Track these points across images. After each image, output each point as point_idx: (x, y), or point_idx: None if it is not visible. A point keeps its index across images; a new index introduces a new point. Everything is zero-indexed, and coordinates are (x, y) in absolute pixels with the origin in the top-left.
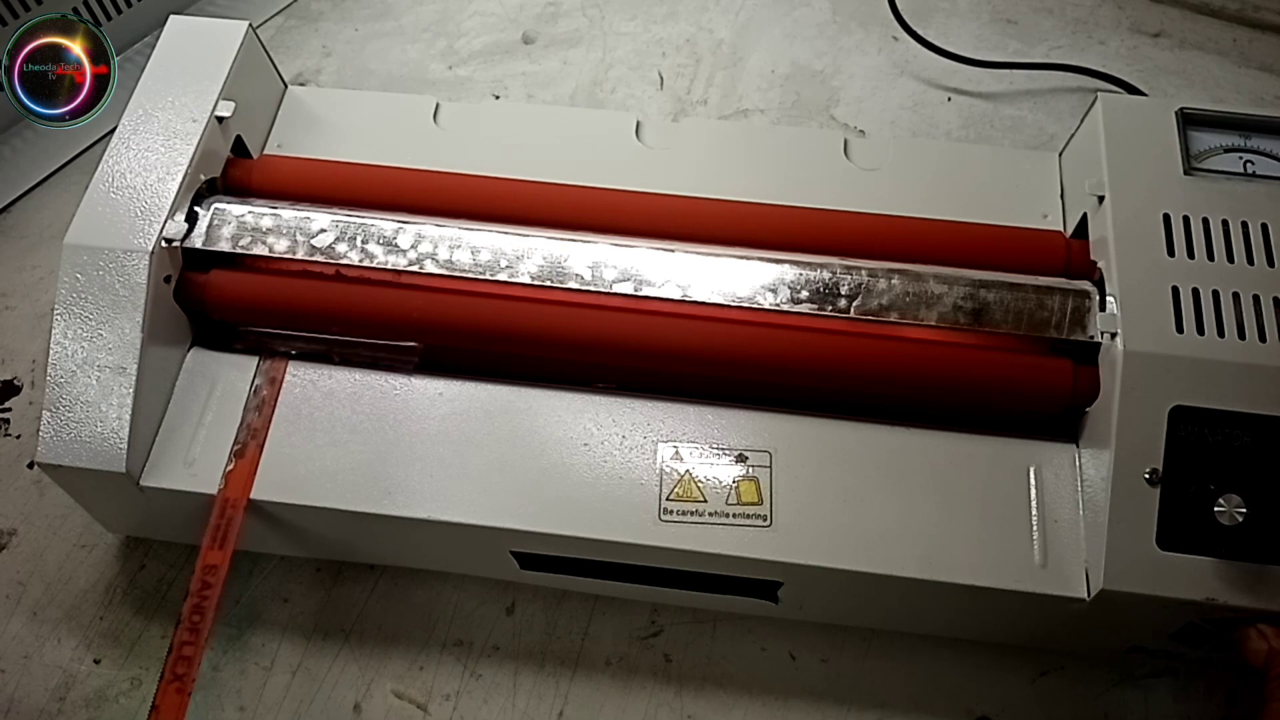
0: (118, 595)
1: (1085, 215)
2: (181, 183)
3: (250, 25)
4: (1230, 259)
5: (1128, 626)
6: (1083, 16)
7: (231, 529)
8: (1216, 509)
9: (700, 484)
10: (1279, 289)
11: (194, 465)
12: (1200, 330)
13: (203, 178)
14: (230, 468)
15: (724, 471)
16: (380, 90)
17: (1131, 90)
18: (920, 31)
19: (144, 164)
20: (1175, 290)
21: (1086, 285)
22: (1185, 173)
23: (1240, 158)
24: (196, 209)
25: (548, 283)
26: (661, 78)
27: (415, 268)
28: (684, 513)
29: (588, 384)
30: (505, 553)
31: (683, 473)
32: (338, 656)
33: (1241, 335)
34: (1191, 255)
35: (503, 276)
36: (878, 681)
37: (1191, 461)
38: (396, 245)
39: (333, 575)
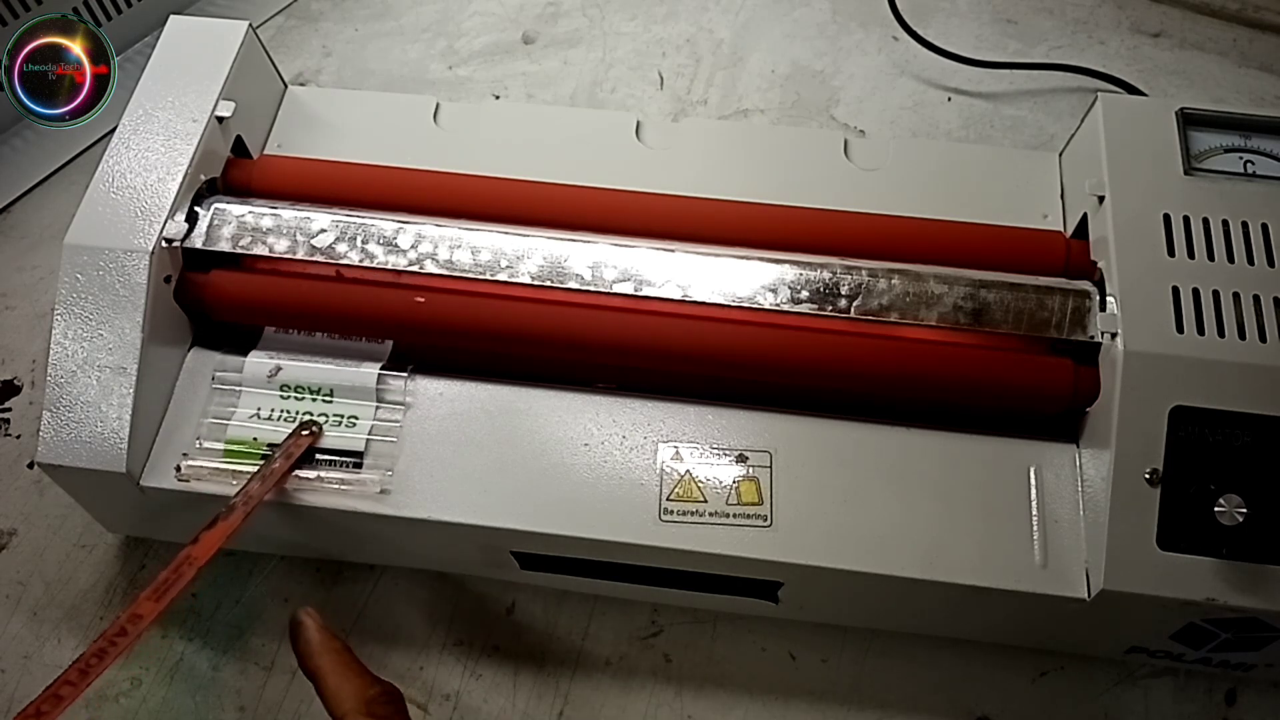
0: (118, 595)
1: (1085, 215)
2: (181, 183)
3: (250, 25)
4: (1230, 259)
5: (1128, 626)
6: (1083, 16)
7: (177, 585)
8: (1217, 509)
9: (700, 484)
10: (1279, 289)
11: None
12: (1200, 330)
13: (203, 178)
14: (209, 528)
15: (724, 471)
16: (380, 90)
17: (1131, 90)
18: (920, 31)
19: (144, 164)
20: (1175, 290)
21: (1086, 285)
22: (1185, 173)
23: (1240, 158)
24: (197, 209)
25: (548, 283)
26: (661, 78)
27: (415, 268)
28: (684, 513)
29: (588, 384)
30: (505, 553)
31: (683, 473)
32: None
33: (1242, 335)
34: (1192, 255)
35: (503, 276)
36: (878, 681)
37: (1192, 461)
38: (396, 245)
39: (333, 575)
